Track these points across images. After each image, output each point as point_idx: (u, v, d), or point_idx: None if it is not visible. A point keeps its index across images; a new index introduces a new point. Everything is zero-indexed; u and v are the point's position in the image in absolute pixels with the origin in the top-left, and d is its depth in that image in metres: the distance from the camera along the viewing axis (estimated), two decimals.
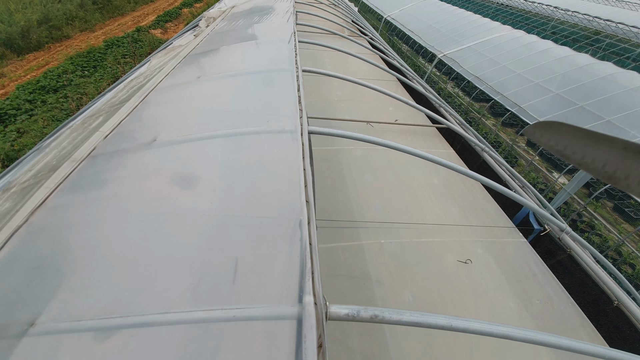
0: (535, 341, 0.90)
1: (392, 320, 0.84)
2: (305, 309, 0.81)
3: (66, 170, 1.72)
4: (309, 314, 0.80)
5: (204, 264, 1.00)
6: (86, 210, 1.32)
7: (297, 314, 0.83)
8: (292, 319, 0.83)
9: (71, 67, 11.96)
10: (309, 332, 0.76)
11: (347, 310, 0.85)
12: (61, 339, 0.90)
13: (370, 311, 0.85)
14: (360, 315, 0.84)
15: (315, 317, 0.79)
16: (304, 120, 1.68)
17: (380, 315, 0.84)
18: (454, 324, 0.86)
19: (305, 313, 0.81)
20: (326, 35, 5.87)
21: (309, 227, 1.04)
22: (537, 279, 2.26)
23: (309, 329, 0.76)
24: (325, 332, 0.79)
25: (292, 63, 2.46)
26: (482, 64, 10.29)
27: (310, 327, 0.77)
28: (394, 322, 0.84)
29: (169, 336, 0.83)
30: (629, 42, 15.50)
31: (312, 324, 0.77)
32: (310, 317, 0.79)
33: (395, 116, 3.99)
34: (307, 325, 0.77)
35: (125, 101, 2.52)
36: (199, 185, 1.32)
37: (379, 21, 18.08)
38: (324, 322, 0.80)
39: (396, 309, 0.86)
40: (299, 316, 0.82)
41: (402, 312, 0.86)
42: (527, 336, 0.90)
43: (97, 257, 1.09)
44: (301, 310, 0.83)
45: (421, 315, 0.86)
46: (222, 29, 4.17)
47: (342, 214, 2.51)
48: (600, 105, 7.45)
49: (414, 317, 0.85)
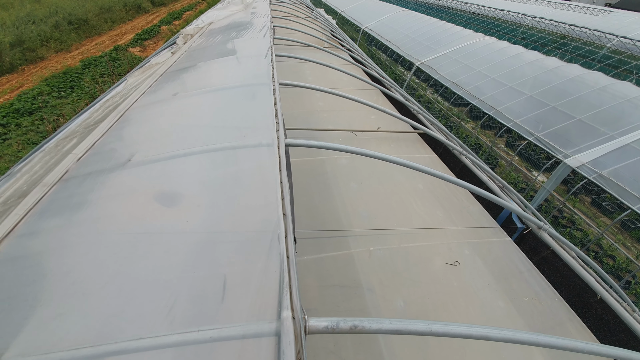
0: (514, 340, 0.91)
1: (371, 329, 0.84)
2: (284, 324, 0.80)
3: (37, 195, 1.66)
4: (287, 329, 0.79)
5: (179, 285, 0.97)
6: (56, 236, 1.27)
7: (275, 330, 0.82)
8: (270, 336, 0.81)
9: (47, 88, 11.69)
10: (287, 347, 0.75)
11: (326, 323, 0.84)
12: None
13: (349, 322, 0.84)
14: (339, 327, 0.83)
15: (294, 333, 0.78)
16: (281, 133, 1.69)
17: (359, 326, 0.83)
18: (433, 329, 0.86)
19: (284, 329, 0.79)
20: (305, 48, 5.95)
21: (286, 241, 1.03)
22: (523, 277, 2.30)
23: (287, 344, 0.75)
24: (305, 347, 0.78)
25: (269, 77, 2.48)
26: (458, 70, 10.63)
27: (288, 342, 0.76)
28: (373, 331, 0.84)
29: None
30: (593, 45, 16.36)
31: (290, 339, 0.76)
32: (289, 333, 0.78)
33: (378, 124, 4.05)
34: (286, 341, 0.76)
35: (100, 121, 2.47)
36: (175, 204, 1.30)
37: (357, 32, 18.51)
38: (303, 337, 0.79)
39: (375, 318, 0.85)
40: (278, 332, 0.81)
41: (382, 321, 0.85)
42: (505, 335, 0.91)
43: (67, 285, 1.04)
44: (279, 326, 0.81)
45: (400, 322, 0.86)
46: (199, 45, 4.17)
47: (330, 223, 2.51)
48: (570, 105, 7.79)
49: (393, 325, 0.85)
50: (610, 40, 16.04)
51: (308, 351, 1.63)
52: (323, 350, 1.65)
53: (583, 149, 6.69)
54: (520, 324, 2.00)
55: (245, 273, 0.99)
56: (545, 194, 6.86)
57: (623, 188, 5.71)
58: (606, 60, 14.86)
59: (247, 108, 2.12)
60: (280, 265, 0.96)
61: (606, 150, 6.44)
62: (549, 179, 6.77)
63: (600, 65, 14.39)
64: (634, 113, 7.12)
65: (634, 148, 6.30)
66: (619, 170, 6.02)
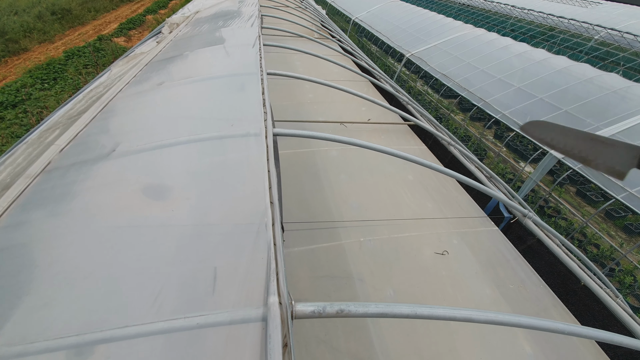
0: (497, 321, 0.94)
1: (357, 313, 0.85)
2: (270, 309, 0.81)
3: (20, 187, 1.62)
4: (274, 314, 0.80)
5: (165, 273, 0.97)
6: (40, 227, 1.25)
7: (262, 316, 0.83)
8: (257, 321, 0.82)
9: (30, 80, 11.34)
10: (273, 332, 0.75)
11: (312, 308, 0.85)
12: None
13: (335, 306, 0.85)
14: (326, 311, 0.84)
15: (280, 317, 0.78)
16: (269, 122, 1.67)
17: (346, 310, 0.85)
18: (418, 312, 0.88)
19: (270, 313, 0.80)
20: (295, 39, 5.88)
21: (273, 229, 1.03)
22: (510, 265, 2.36)
23: (274, 329, 0.76)
24: (291, 331, 0.79)
25: (257, 66, 2.45)
26: (447, 61, 10.66)
27: (275, 327, 0.76)
28: (359, 315, 0.85)
29: (129, 350, 0.80)
30: (581, 37, 16.56)
31: (277, 324, 0.77)
32: (275, 318, 0.78)
33: (368, 115, 4.05)
34: (272, 325, 0.77)
35: (83, 112, 2.41)
36: (161, 194, 1.28)
37: (347, 23, 18.34)
38: (289, 322, 0.80)
39: (361, 302, 0.87)
40: (265, 317, 0.82)
41: (367, 305, 0.87)
42: (488, 317, 0.93)
43: (52, 275, 1.03)
44: (266, 312, 0.82)
45: (386, 306, 0.88)
46: (185, 34, 4.09)
47: (321, 215, 2.52)
48: (557, 97, 7.90)
49: (379, 309, 0.86)
50: (598, 32, 16.25)
51: (299, 340, 1.65)
52: (314, 339, 1.67)
53: None
54: (506, 310, 2.06)
55: (232, 261, 0.99)
56: (531, 184, 6.99)
57: (607, 178, 5.85)
58: (594, 52, 15.07)
59: (235, 98, 2.09)
60: (267, 252, 0.97)
61: None
62: (536, 170, 6.90)
63: (587, 57, 14.60)
64: (620, 104, 7.27)
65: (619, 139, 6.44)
66: None
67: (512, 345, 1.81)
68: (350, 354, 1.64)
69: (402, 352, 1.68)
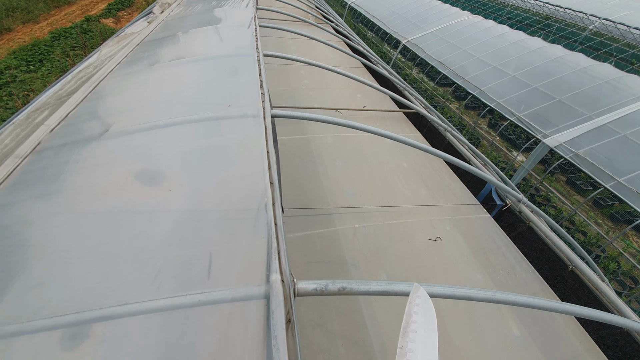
0: (495, 300, 0.96)
1: (359, 291, 0.85)
2: (273, 286, 0.80)
3: (9, 167, 1.58)
4: (276, 291, 0.79)
5: (164, 252, 0.95)
6: (32, 207, 1.22)
7: (265, 293, 0.82)
8: (259, 298, 0.82)
9: (14, 62, 10.93)
10: (276, 308, 0.75)
11: (315, 285, 0.85)
12: (10, 342, 0.83)
13: (337, 284, 0.85)
14: (328, 289, 0.84)
15: (283, 294, 0.78)
16: (267, 104, 1.64)
17: (348, 287, 0.85)
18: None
19: (273, 291, 0.80)
20: (290, 22, 5.75)
21: (273, 208, 1.02)
22: (500, 251, 2.40)
23: (277, 305, 0.76)
24: (294, 307, 0.78)
25: (253, 47, 2.39)
26: (444, 49, 10.57)
27: (278, 303, 0.76)
28: (361, 292, 0.86)
29: (129, 327, 0.79)
30: (576, 26, 16.53)
31: (279, 300, 0.77)
32: (278, 294, 0.78)
33: (364, 103, 4.01)
34: (275, 302, 0.77)
35: (73, 92, 2.33)
36: (158, 174, 1.25)
37: (343, 7, 17.98)
38: (292, 298, 0.79)
39: (363, 280, 0.87)
40: (267, 294, 0.81)
41: (369, 283, 0.87)
42: (486, 296, 0.95)
43: (47, 254, 1.01)
44: (268, 289, 0.82)
45: (387, 284, 0.88)
46: (177, 14, 3.96)
47: (316, 201, 2.51)
48: (552, 86, 7.92)
49: (381, 287, 0.87)
50: (593, 22, 16.24)
51: None
52: (309, 322, 1.69)
53: (561, 129, 6.88)
54: None
55: (232, 240, 0.98)
56: (524, 173, 7.08)
57: (597, 167, 5.95)
58: (588, 42, 15.09)
59: (231, 79, 2.04)
60: (268, 231, 0.96)
61: (583, 131, 6.65)
62: (528, 159, 6.97)
63: (582, 47, 14.62)
64: (612, 94, 7.33)
65: (609, 128, 6.52)
66: (595, 149, 6.25)
67: (500, 327, 1.86)
68: (345, 336, 1.66)
69: (394, 334, 1.71)
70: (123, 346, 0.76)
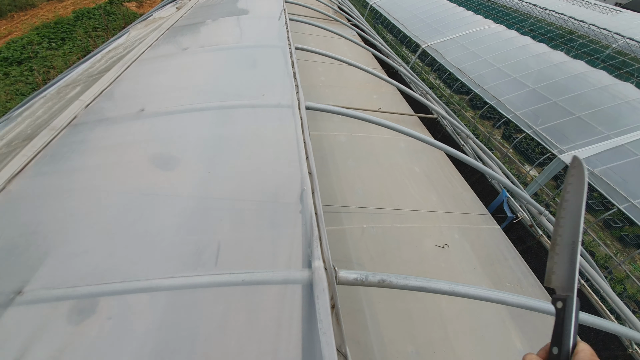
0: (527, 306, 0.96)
1: (398, 284, 0.86)
2: (316, 272, 0.82)
3: (45, 138, 1.61)
4: (319, 277, 0.80)
5: (206, 232, 0.97)
6: (72, 178, 1.24)
7: (306, 279, 0.83)
8: (301, 283, 0.83)
9: (37, 38, 11.09)
10: (321, 293, 0.76)
11: (355, 275, 0.86)
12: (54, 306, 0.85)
13: (377, 276, 0.86)
14: (368, 280, 0.85)
15: (327, 280, 0.79)
16: (301, 95, 1.65)
17: (387, 280, 0.85)
18: (456, 289, 0.89)
19: (316, 277, 0.81)
20: (312, 18, 5.74)
21: (313, 197, 1.03)
22: (508, 263, 2.38)
23: (321, 291, 0.77)
24: (337, 294, 0.80)
25: (284, 40, 2.40)
26: (464, 56, 10.48)
27: (322, 289, 0.77)
28: (400, 286, 0.86)
29: (172, 299, 0.81)
30: (599, 44, 16.28)
31: (324, 286, 0.78)
32: (322, 280, 0.79)
33: (379, 104, 4.00)
34: (319, 287, 0.78)
35: (105, 71, 2.37)
36: (196, 157, 1.27)
37: (364, 8, 17.91)
38: (335, 286, 0.80)
39: (402, 275, 0.87)
40: (309, 280, 0.82)
41: (408, 278, 0.88)
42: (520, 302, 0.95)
43: (89, 225, 1.03)
44: (310, 275, 0.83)
45: (425, 280, 0.89)
46: (206, 2, 3.98)
47: (325, 199, 2.51)
48: (571, 102, 7.82)
49: (419, 282, 0.87)
50: (617, 41, 15.97)
51: None
52: None
53: (578, 146, 6.79)
54: (501, 307, 2.08)
55: (272, 227, 0.99)
56: (536, 187, 7.01)
57: (612, 187, 5.87)
58: (610, 60, 14.84)
59: (263, 69, 2.05)
60: (309, 219, 0.97)
61: (601, 149, 6.55)
62: (542, 173, 6.90)
63: (603, 65, 14.38)
64: (632, 115, 7.21)
65: (627, 149, 6.43)
66: (611, 169, 6.16)
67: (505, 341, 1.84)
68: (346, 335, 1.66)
69: (395, 337, 1.70)
70: (163, 318, 0.78)
